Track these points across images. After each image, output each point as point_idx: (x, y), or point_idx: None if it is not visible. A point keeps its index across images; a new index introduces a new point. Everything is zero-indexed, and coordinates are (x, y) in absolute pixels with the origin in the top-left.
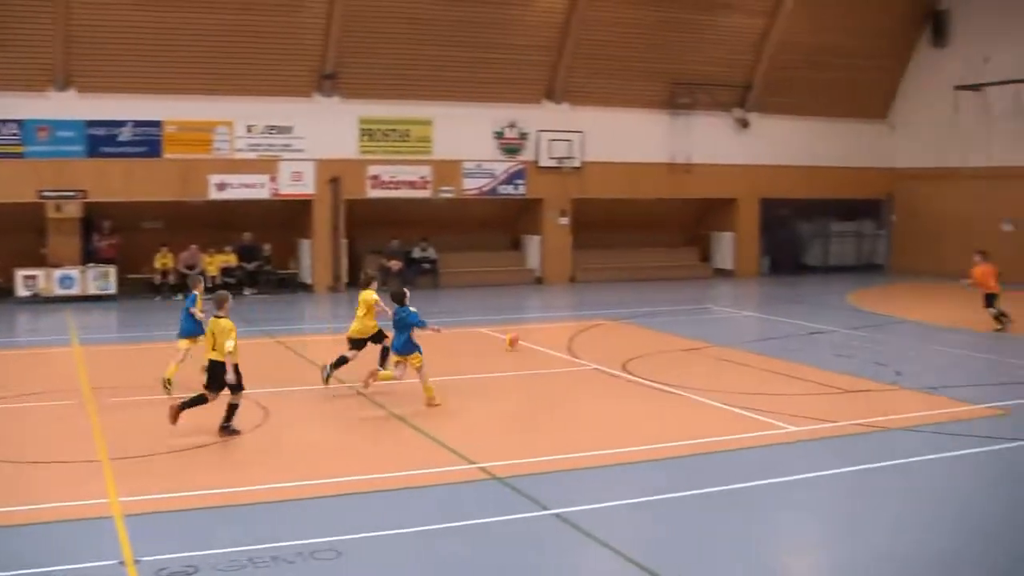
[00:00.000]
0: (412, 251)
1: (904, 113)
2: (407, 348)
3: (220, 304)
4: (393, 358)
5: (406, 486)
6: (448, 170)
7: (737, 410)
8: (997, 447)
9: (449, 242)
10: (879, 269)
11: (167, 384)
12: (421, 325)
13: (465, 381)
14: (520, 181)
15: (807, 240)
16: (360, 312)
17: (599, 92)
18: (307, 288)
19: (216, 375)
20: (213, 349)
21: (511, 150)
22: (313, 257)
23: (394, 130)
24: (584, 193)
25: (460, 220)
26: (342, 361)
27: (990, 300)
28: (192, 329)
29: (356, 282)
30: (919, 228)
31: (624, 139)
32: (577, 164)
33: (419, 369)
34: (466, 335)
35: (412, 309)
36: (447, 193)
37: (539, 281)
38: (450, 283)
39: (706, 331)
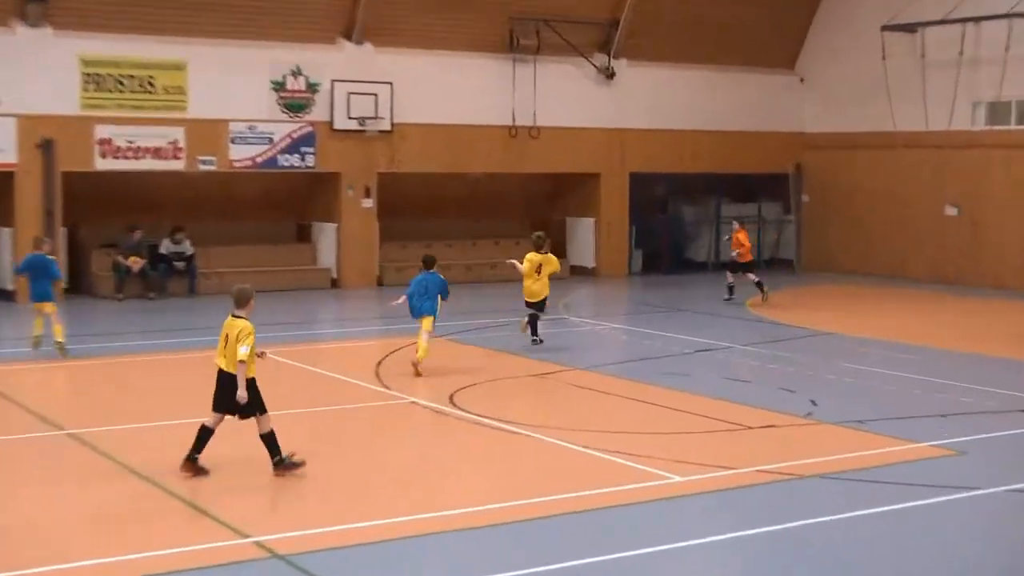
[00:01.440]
0: (159, 245)
1: (816, 62)
2: (433, 309)
3: (241, 301)
4: (426, 321)
5: (155, 572)
6: (209, 133)
7: (603, 455)
8: (948, 498)
9: (212, 232)
10: (787, 266)
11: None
12: (445, 296)
13: (238, 423)
14: (308, 149)
15: (692, 228)
16: (544, 273)
17: (414, 30)
18: (7, 296)
19: (224, 389)
20: (224, 356)
21: (295, 107)
22: (16, 253)
23: (131, 76)
24: (395, 166)
25: (227, 202)
26: (535, 320)
27: (742, 268)
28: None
29: (80, 287)
30: (838, 212)
31: (448, 93)
32: (385, 126)
33: (429, 332)
34: None
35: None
36: (207, 165)
37: (335, 284)
38: (213, 288)
39: (560, 350)
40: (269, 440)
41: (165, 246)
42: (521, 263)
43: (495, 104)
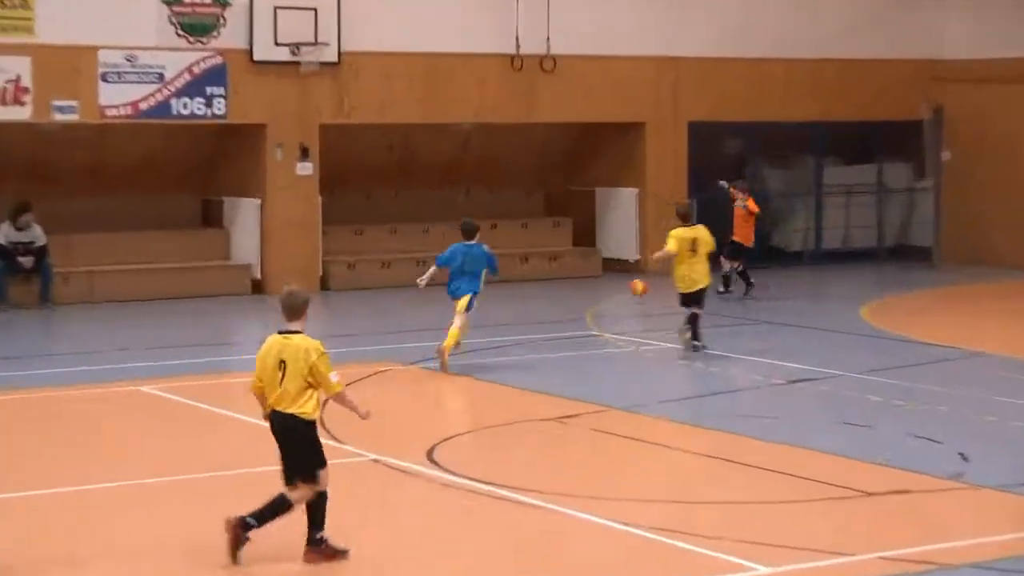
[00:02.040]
0: None
1: None
2: (476, 288)
3: (297, 309)
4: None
5: None
6: (67, 66)
7: (653, 535)
8: None
9: (74, 213)
10: (921, 256)
11: None
12: (494, 271)
13: (132, 490)
14: (217, 90)
15: (781, 203)
16: (701, 252)
17: None
18: None
19: (294, 443)
20: (280, 387)
21: (197, 28)
22: None
23: None
24: (344, 115)
25: (96, 169)
26: (695, 320)
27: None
28: None
29: None
30: (996, 177)
31: (421, 7)
32: (330, 57)
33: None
34: (119, 398)
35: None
36: (65, 114)
37: (258, 288)
38: (77, 294)
39: (586, 381)
40: (320, 505)
41: (3, 233)
42: (663, 248)
43: (490, 23)
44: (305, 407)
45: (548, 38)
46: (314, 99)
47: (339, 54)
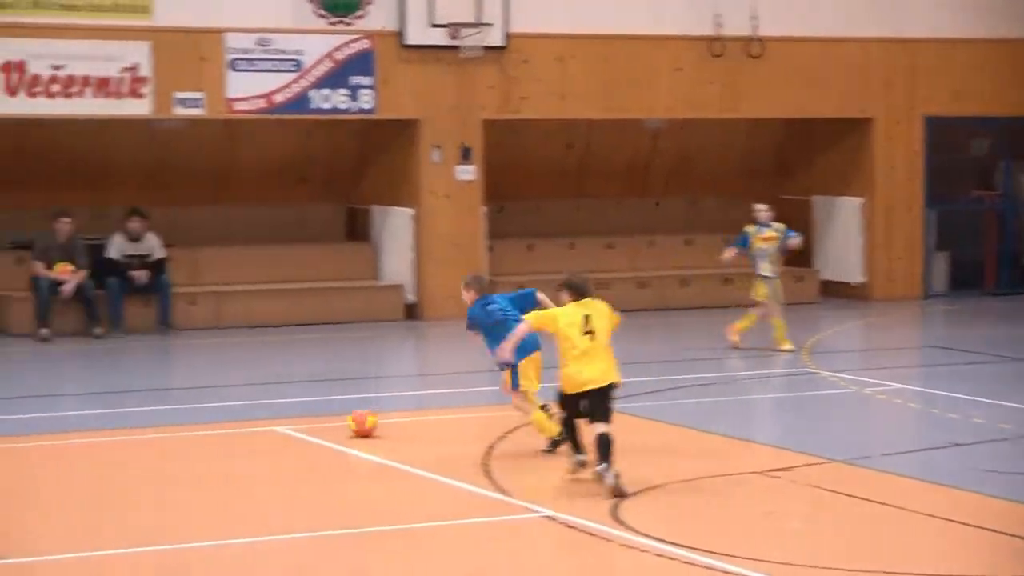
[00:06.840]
0: (107, 244)
1: None
2: None
3: None
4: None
5: None
6: (191, 53)
7: None
8: None
9: (198, 222)
10: None
11: None
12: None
13: (274, 546)
14: (363, 80)
15: None
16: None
17: None
18: None
19: None
20: None
21: (340, 6)
22: None
23: None
24: (513, 110)
25: (223, 172)
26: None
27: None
28: None
29: None
30: None
31: None
32: (495, 41)
33: None
34: (250, 440)
35: None
36: (189, 107)
37: (412, 313)
38: (201, 318)
39: (804, 428)
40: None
41: (116, 246)
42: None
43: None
44: None
45: (755, 17)
46: (477, 91)
47: (506, 37)
